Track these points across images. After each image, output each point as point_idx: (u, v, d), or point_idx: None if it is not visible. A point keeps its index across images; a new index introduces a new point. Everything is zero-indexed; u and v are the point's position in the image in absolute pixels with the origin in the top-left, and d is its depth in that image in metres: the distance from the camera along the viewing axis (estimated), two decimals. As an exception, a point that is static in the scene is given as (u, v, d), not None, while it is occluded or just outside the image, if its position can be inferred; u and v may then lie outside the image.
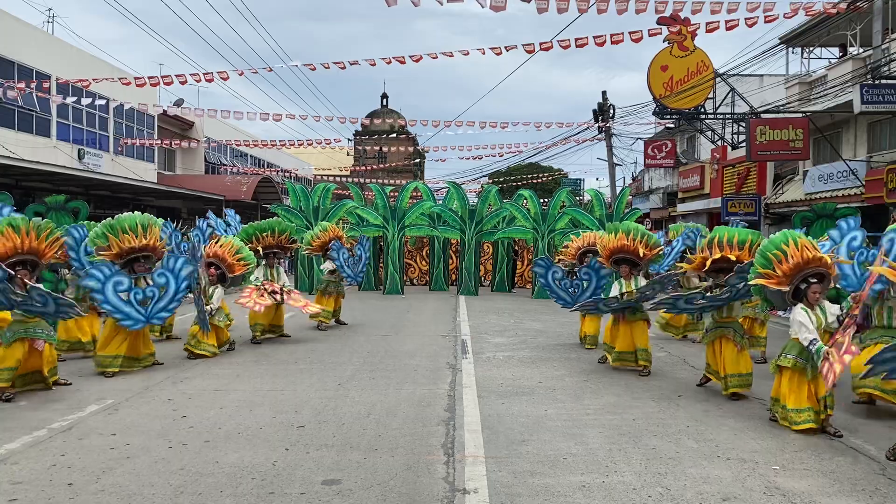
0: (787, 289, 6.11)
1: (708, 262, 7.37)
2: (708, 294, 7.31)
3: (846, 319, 5.92)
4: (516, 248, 22.13)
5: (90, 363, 8.38)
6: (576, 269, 10.21)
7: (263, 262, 10.90)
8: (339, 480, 4.61)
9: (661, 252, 9.18)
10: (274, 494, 4.35)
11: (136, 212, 8.91)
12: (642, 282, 8.65)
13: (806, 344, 5.87)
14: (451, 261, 22.16)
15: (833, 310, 6.19)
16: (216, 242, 9.90)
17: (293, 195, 20.54)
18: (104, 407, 6.49)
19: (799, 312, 6.01)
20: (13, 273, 6.92)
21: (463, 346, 10.21)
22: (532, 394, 7.23)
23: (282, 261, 11.58)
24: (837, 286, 7.62)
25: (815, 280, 6.08)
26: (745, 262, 6.80)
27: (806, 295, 6.08)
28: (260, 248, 10.87)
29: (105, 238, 8.19)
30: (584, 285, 10.04)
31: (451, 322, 13.23)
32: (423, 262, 22.70)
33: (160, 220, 9.13)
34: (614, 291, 8.63)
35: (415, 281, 23.02)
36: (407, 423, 6.03)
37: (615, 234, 8.87)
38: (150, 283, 8.32)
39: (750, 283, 6.41)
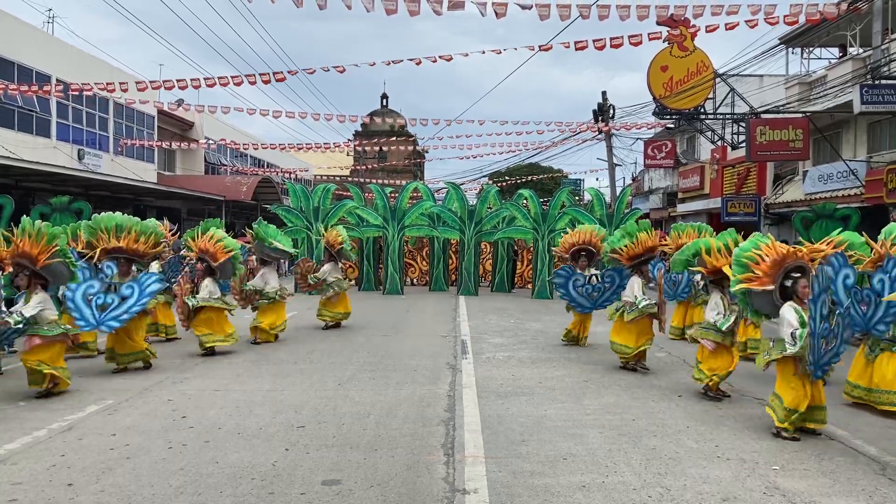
0: (773, 287, 6.07)
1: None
2: None
3: None
4: (516, 248, 22.12)
5: (89, 363, 8.38)
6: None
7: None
8: (339, 481, 4.61)
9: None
10: (274, 495, 4.35)
11: (118, 212, 8.89)
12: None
13: (788, 339, 5.78)
14: (450, 261, 22.16)
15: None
16: (200, 236, 9.78)
17: (293, 195, 20.55)
18: (104, 407, 6.49)
19: (788, 310, 5.92)
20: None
21: (463, 347, 10.20)
22: (532, 394, 7.23)
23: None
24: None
25: (799, 274, 6.06)
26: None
27: (795, 291, 6.01)
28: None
29: (93, 234, 8.37)
30: (606, 287, 9.84)
31: (450, 322, 13.22)
32: (424, 262, 22.70)
33: (152, 222, 9.08)
34: (638, 290, 8.84)
35: (415, 281, 23.02)
36: (407, 423, 6.03)
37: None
38: (115, 291, 8.06)
39: (733, 289, 6.37)
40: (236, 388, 7.40)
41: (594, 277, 9.98)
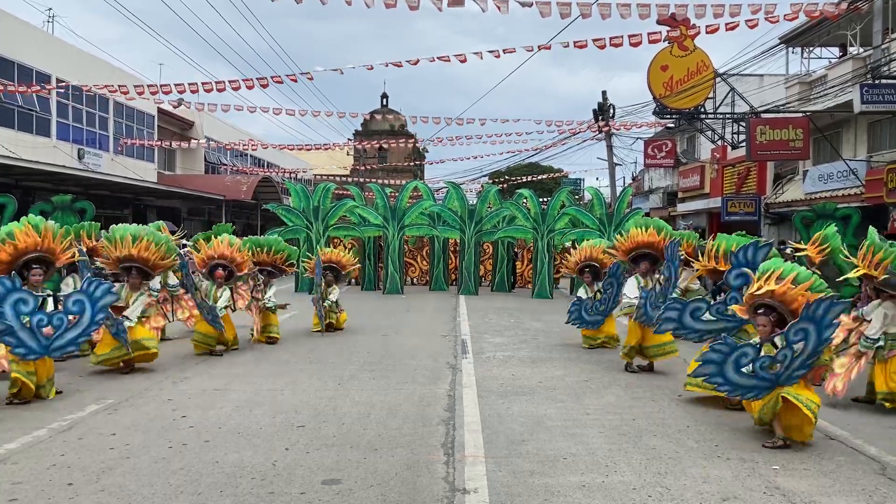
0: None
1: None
2: (714, 304, 6.87)
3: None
4: (516, 248, 22.08)
5: (89, 364, 8.37)
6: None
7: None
8: (339, 480, 4.61)
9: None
10: (274, 494, 4.35)
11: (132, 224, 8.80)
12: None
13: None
14: (450, 261, 22.13)
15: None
16: (222, 243, 9.81)
17: (294, 195, 20.60)
18: (104, 407, 6.49)
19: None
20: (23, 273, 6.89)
21: (463, 346, 10.20)
22: (532, 394, 7.23)
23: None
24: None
25: (763, 311, 5.77)
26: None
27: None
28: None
29: (110, 242, 8.30)
30: (609, 293, 9.73)
31: (451, 322, 13.22)
32: (424, 262, 22.57)
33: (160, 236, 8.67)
34: (633, 289, 8.62)
35: (415, 280, 22.97)
36: (407, 422, 6.03)
37: (644, 228, 8.86)
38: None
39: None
40: (236, 387, 7.40)
41: (598, 293, 10.06)
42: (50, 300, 7.00)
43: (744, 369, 5.55)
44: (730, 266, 6.85)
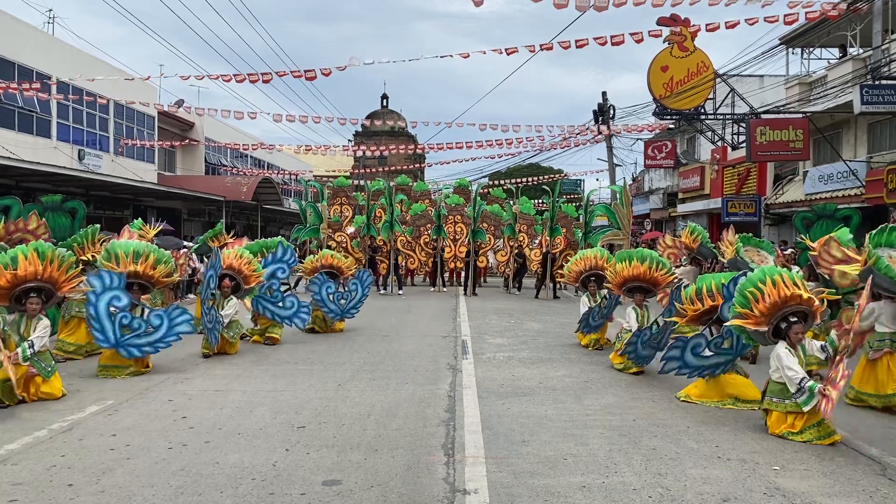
0: (766, 328, 5.96)
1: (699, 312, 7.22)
2: (713, 338, 6.85)
3: (837, 357, 5.63)
4: (522, 250, 21.92)
5: (90, 364, 8.38)
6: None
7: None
8: (340, 481, 4.61)
9: (673, 279, 8.94)
10: (274, 495, 4.35)
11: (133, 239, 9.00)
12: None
13: (795, 384, 5.67)
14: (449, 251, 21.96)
15: (815, 345, 5.97)
16: (231, 254, 9.64)
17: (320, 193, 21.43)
18: (104, 408, 6.49)
19: (783, 353, 5.81)
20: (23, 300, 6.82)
21: (463, 347, 10.20)
22: (532, 394, 7.23)
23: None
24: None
25: (796, 319, 5.89)
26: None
27: (787, 334, 5.89)
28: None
29: (108, 259, 8.23)
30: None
31: (451, 323, 13.22)
32: (423, 253, 22.05)
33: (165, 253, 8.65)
34: (632, 320, 8.64)
35: (414, 273, 22.50)
36: (407, 423, 6.03)
37: (629, 261, 8.88)
38: (144, 316, 8.01)
39: (727, 324, 6.33)
40: (236, 388, 7.40)
41: (603, 300, 10.06)
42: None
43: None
44: (721, 300, 6.84)
